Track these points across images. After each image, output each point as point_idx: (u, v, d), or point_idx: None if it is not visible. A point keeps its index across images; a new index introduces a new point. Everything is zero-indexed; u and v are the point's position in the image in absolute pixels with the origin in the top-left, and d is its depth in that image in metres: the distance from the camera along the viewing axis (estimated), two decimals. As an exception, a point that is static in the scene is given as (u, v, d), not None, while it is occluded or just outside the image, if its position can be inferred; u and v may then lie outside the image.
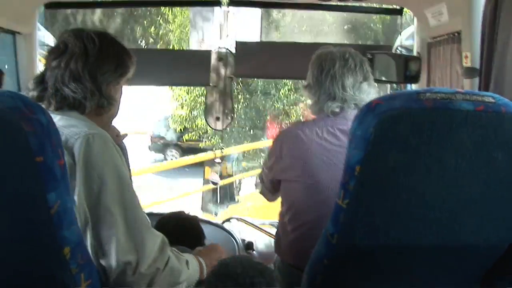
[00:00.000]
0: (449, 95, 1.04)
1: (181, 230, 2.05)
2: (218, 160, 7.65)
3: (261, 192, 2.05)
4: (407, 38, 3.15)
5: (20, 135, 0.93)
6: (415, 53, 2.71)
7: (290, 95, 10.18)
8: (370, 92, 1.75)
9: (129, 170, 2.00)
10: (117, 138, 1.93)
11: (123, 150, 1.96)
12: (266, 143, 9.68)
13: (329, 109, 1.72)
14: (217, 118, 2.94)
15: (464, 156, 1.04)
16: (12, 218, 1.00)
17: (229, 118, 2.96)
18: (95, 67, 1.36)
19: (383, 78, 2.88)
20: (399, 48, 3.11)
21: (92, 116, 1.39)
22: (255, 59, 2.82)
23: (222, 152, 7.84)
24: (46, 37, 2.71)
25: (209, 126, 3.06)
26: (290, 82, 9.70)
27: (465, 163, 1.05)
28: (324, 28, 10.62)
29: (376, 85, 1.81)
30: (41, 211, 1.00)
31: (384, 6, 2.97)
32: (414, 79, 2.66)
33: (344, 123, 1.69)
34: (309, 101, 1.85)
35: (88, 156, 1.23)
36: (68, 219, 1.04)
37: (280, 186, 1.78)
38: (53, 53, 1.39)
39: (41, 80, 1.40)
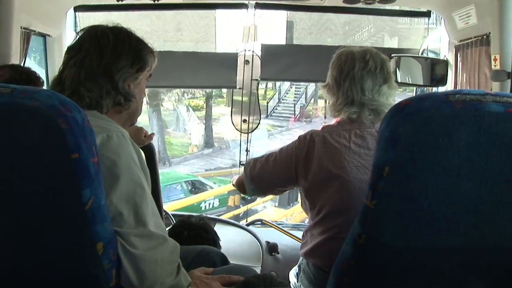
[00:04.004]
0: (479, 96, 1.03)
1: (195, 238, 2.08)
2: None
3: (241, 181, 1.93)
4: (434, 41, 3.13)
5: (58, 132, 0.96)
6: (441, 56, 2.69)
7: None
8: (390, 94, 1.72)
9: (156, 169, 2.04)
10: (146, 138, 1.97)
11: (151, 150, 2.00)
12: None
13: (346, 115, 1.70)
14: (244, 121, 2.95)
15: (494, 157, 1.03)
16: (48, 213, 1.03)
17: (256, 120, 2.96)
18: (110, 64, 1.32)
19: (409, 81, 2.86)
20: (425, 51, 3.09)
21: (112, 114, 1.35)
22: (281, 62, 2.83)
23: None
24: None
25: (236, 128, 3.06)
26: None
27: (496, 165, 1.04)
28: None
29: (397, 86, 1.77)
30: (75, 207, 1.03)
31: (411, 9, 2.96)
32: (441, 82, 2.64)
33: (371, 126, 1.68)
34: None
35: (102, 152, 1.14)
36: (101, 216, 1.07)
37: (308, 191, 1.75)
38: (70, 52, 1.34)
39: (59, 80, 1.34)
